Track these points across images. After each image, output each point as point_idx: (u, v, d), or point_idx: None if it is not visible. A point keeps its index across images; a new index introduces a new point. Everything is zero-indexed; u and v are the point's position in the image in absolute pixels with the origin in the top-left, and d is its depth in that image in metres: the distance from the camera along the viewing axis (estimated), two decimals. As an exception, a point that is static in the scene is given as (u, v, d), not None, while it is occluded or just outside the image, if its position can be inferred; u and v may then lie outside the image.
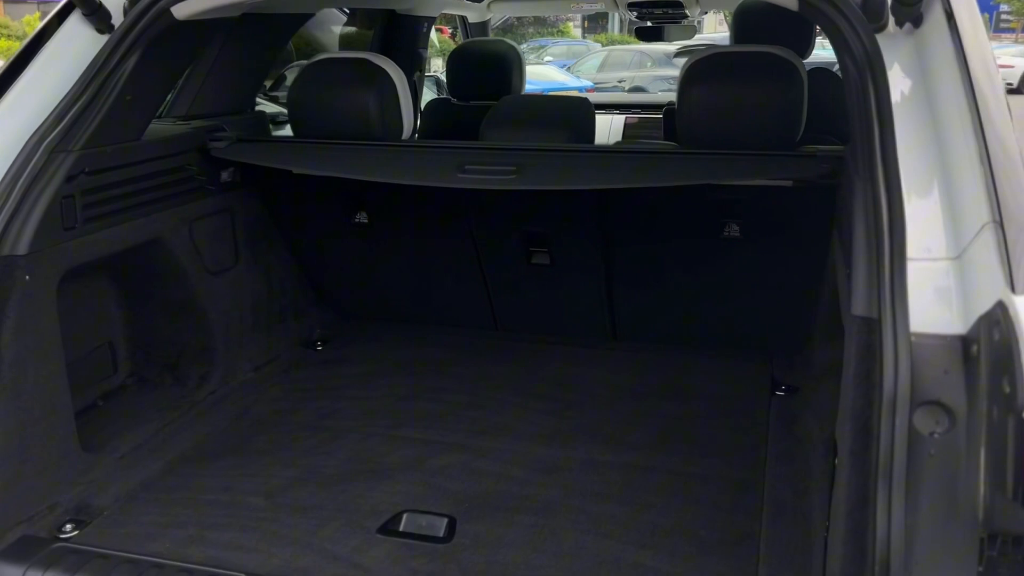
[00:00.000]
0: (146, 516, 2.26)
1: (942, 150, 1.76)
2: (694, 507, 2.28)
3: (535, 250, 3.12)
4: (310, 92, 2.94)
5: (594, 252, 3.06)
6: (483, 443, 2.63)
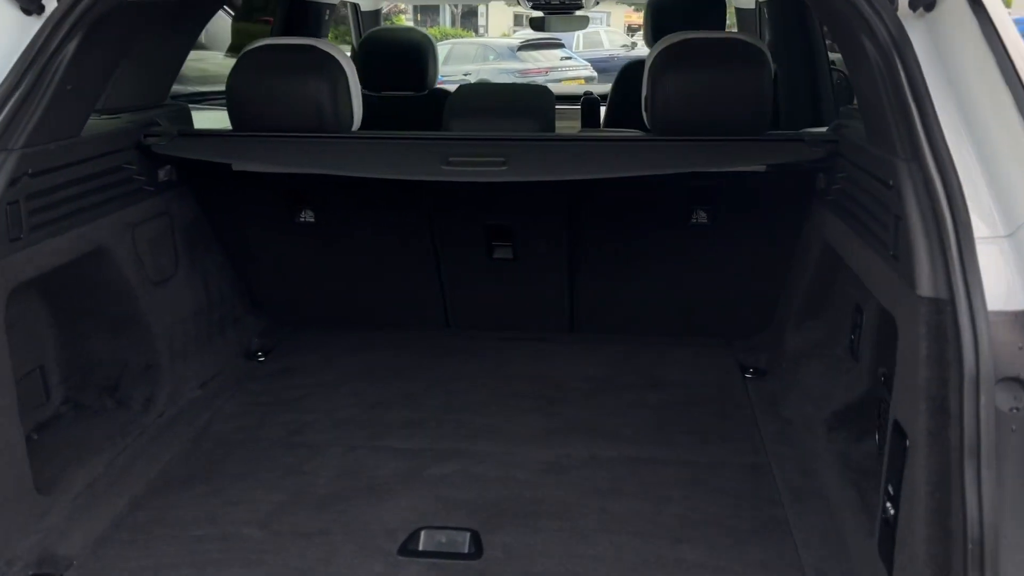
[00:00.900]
0: (128, 560, 2.00)
1: (977, 129, 1.80)
2: (714, 496, 2.26)
3: (498, 244, 3.01)
4: (254, 80, 2.70)
5: (561, 244, 2.99)
6: (476, 448, 2.50)
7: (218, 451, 2.49)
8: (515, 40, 19.84)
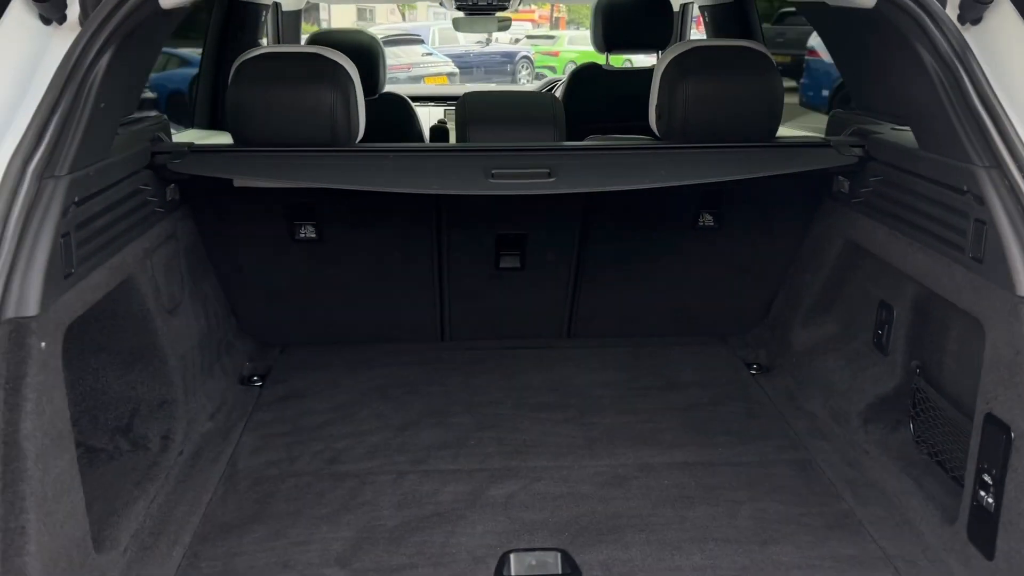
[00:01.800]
0: None
1: None
2: (777, 495, 2.32)
3: (505, 253, 2.97)
4: (260, 92, 2.55)
5: (570, 251, 2.98)
6: (528, 464, 2.46)
7: (258, 489, 2.34)
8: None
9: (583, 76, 4.17)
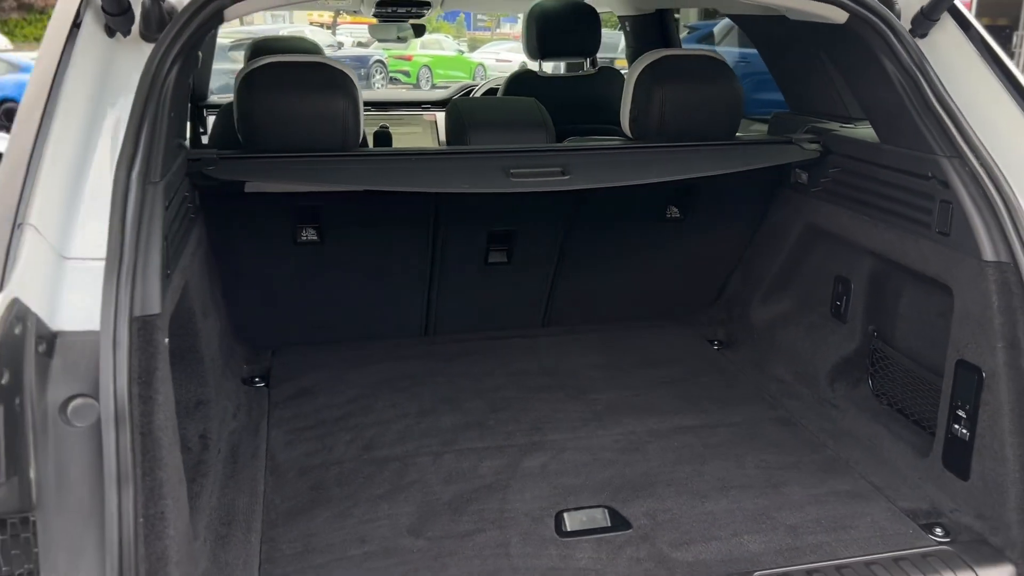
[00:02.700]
0: None
1: (986, 127, 2.33)
2: (773, 448, 2.65)
3: (495, 249, 3.18)
4: (275, 100, 2.66)
5: (554, 244, 3.22)
6: (548, 438, 2.69)
7: (307, 478, 2.46)
8: (225, 40, 18.97)
9: (522, 81, 4.42)
